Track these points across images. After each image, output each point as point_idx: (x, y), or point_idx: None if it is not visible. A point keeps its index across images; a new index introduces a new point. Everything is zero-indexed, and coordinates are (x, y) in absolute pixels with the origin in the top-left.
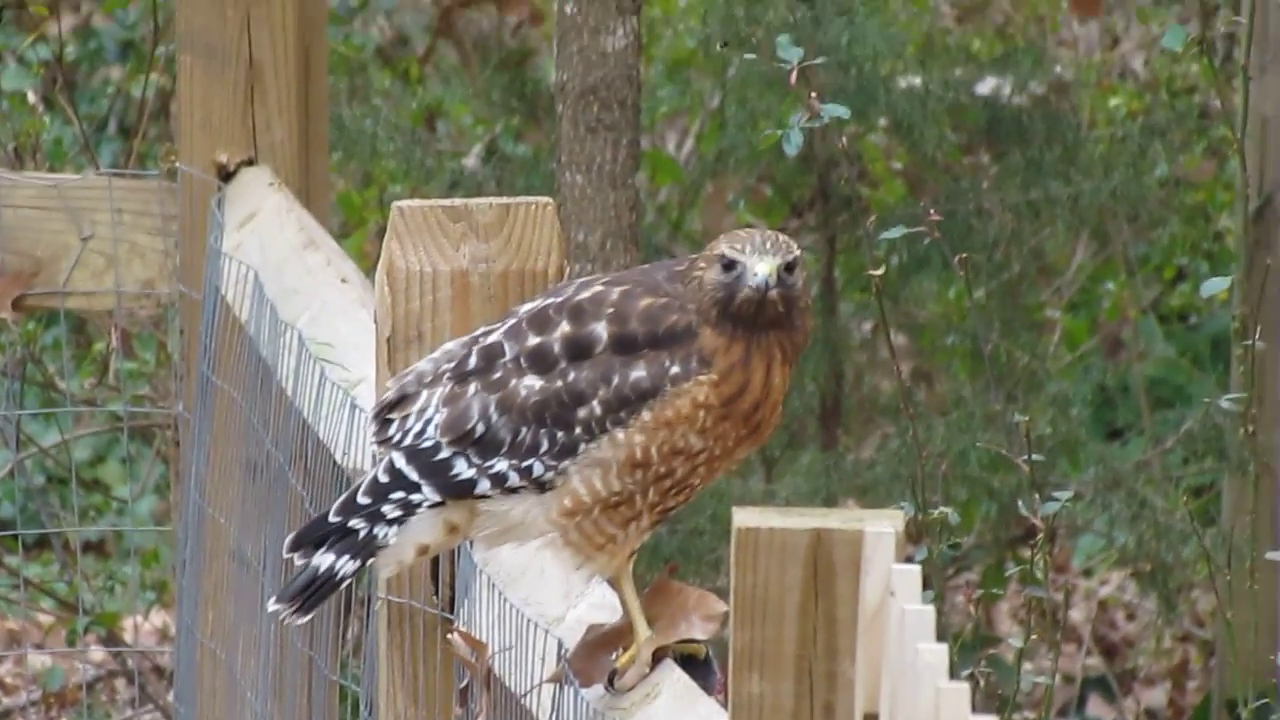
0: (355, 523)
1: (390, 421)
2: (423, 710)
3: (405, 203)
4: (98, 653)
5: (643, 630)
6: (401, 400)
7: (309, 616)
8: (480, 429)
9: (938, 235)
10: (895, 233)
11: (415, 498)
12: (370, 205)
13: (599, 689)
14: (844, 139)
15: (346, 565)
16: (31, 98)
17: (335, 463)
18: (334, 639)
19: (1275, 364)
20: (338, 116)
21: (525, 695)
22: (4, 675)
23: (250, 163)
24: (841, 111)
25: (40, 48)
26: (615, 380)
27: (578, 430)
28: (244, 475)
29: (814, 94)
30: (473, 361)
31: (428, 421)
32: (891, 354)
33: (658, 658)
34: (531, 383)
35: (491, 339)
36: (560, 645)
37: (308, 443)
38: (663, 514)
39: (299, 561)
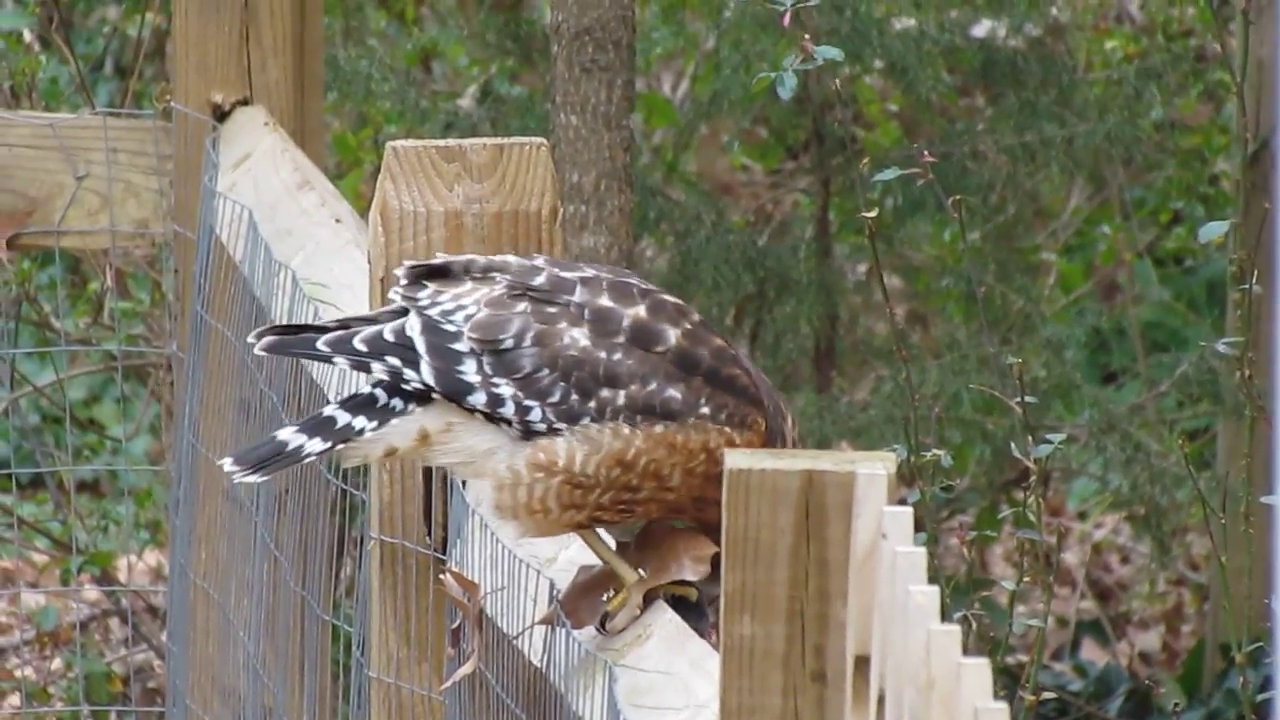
0: (340, 361)
1: (424, 285)
2: (414, 650)
3: (399, 143)
4: (91, 592)
5: (627, 574)
6: (444, 272)
7: (263, 479)
8: (509, 344)
9: (932, 178)
10: (889, 175)
11: (409, 373)
12: (365, 146)
13: (591, 630)
14: (838, 82)
15: (314, 444)
16: (27, 36)
17: (329, 403)
18: (326, 579)
19: (1271, 308)
20: (333, 57)
21: (517, 636)
22: None
23: (245, 103)
24: (835, 54)
25: None
26: (652, 386)
27: (591, 404)
28: (237, 415)
29: (807, 36)
30: (539, 280)
31: (461, 309)
32: (885, 297)
33: (649, 599)
34: (579, 337)
35: (567, 274)
36: (552, 586)
37: (301, 382)
38: (593, 520)
39: (263, 353)
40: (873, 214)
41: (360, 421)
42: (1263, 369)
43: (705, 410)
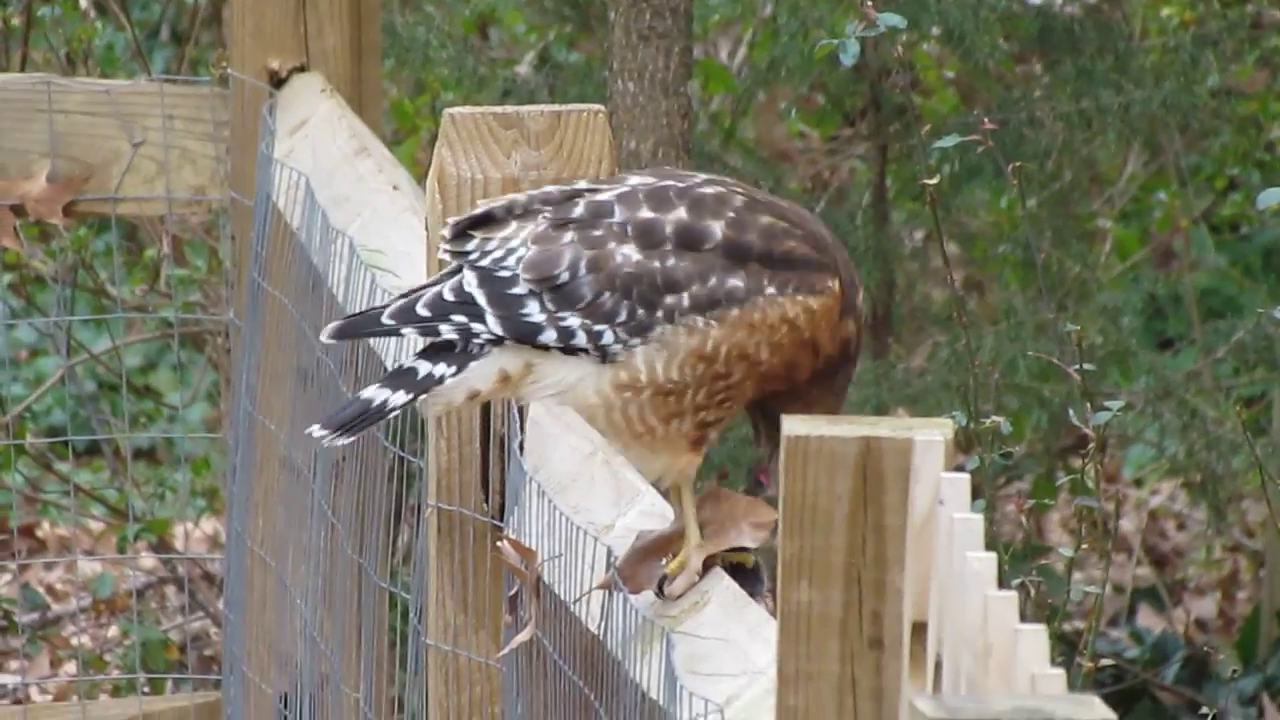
0: (408, 331)
1: (471, 237)
2: (472, 618)
3: (457, 110)
4: (148, 560)
5: (694, 537)
6: (486, 220)
7: (351, 439)
8: (565, 277)
9: (990, 145)
10: (949, 142)
11: (476, 326)
12: (422, 113)
13: (649, 595)
14: (899, 48)
15: (397, 398)
16: (84, 3)
17: (386, 370)
18: (384, 546)
19: None
20: (390, 24)
21: (575, 603)
22: (55, 582)
23: (302, 69)
24: (898, 21)
25: None
26: (712, 281)
27: (659, 313)
28: (295, 382)
29: (870, 2)
30: (578, 211)
31: (510, 252)
32: (945, 263)
33: (707, 565)
34: (630, 253)
35: (601, 197)
36: (610, 553)
37: (358, 350)
38: (702, 425)
39: (332, 340)
40: (933, 181)
41: (440, 369)
42: None
43: (771, 290)
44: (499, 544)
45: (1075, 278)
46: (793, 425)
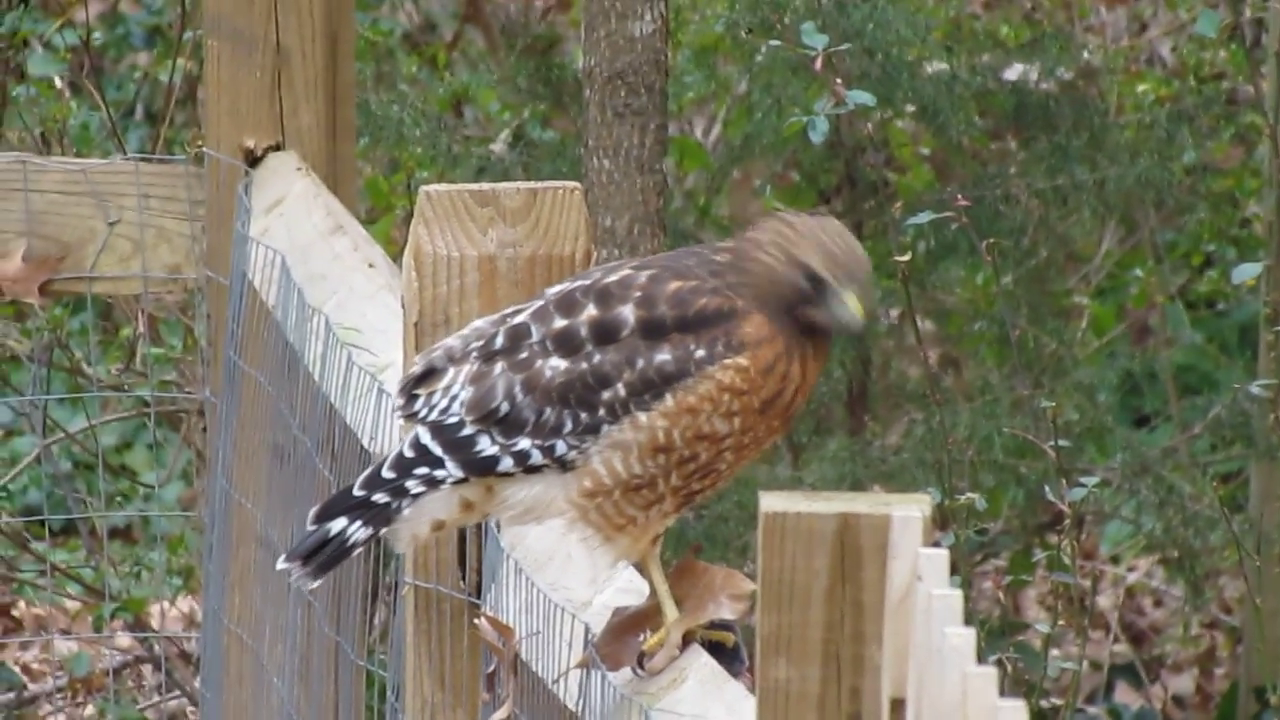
0: (379, 497)
1: (417, 397)
2: (449, 695)
3: (432, 187)
4: (124, 639)
5: (671, 613)
6: (428, 375)
7: (320, 580)
8: (505, 408)
9: (965, 221)
10: (923, 218)
11: (439, 474)
12: (397, 191)
13: (627, 672)
14: (870, 125)
15: (359, 532)
16: (59, 83)
17: (363, 448)
18: (361, 624)
19: None
20: (364, 102)
21: (555, 682)
22: (30, 661)
23: (277, 148)
24: (866, 99)
25: (67, 33)
26: (640, 363)
27: (601, 411)
28: (271, 461)
29: (839, 80)
30: (499, 342)
31: (453, 398)
32: (918, 340)
33: (686, 640)
34: (557, 364)
35: (518, 320)
36: (587, 630)
37: (335, 428)
38: (688, 498)
39: (313, 525)
40: (906, 258)
41: (398, 499)
42: None
43: (701, 354)
44: (476, 621)
45: (1051, 354)
46: (770, 501)
